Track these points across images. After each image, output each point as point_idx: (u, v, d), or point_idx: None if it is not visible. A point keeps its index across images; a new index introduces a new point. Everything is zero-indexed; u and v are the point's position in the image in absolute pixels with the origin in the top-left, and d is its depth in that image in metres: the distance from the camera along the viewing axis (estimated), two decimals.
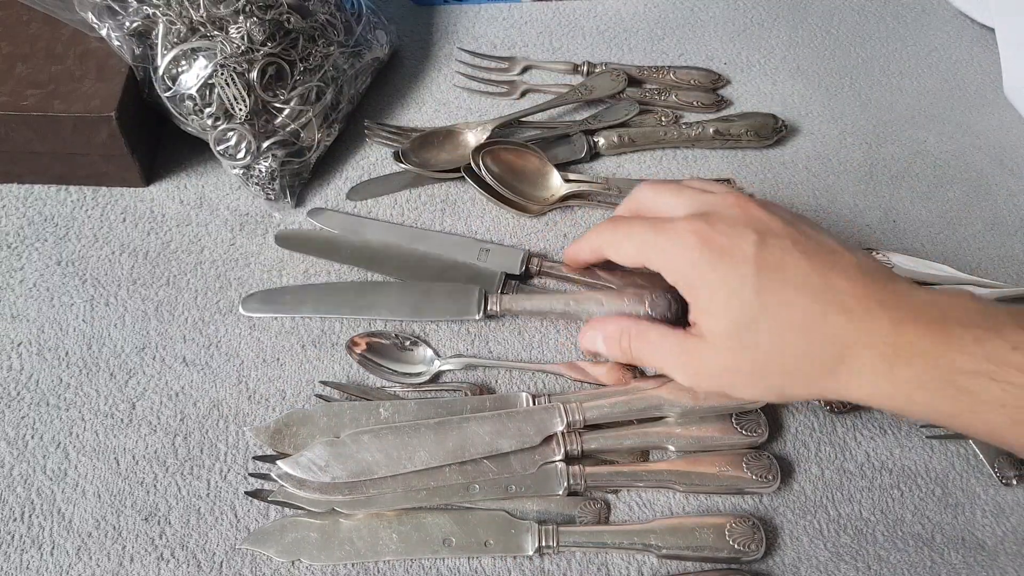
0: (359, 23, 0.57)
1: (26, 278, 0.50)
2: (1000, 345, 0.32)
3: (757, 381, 0.38)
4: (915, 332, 0.34)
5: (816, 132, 0.60)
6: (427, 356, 0.46)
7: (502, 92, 0.61)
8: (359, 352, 0.46)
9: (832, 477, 0.44)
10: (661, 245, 0.39)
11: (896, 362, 0.34)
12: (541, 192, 0.54)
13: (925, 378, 0.34)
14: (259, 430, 0.43)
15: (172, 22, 0.49)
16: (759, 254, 0.37)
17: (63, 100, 0.49)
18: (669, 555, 0.40)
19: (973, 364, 0.33)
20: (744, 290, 0.36)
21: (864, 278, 0.36)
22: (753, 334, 0.37)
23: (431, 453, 0.41)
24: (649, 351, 0.41)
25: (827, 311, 0.35)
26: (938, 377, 0.33)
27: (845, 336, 0.35)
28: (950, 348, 0.33)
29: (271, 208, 0.54)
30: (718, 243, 0.37)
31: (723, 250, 0.37)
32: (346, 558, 0.40)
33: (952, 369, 0.33)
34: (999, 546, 0.42)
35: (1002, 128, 0.60)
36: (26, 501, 0.42)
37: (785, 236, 0.37)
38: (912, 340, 0.34)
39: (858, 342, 0.35)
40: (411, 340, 0.47)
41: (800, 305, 0.36)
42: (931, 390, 0.34)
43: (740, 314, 0.37)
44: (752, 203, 0.39)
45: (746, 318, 0.37)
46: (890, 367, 0.34)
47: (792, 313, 0.36)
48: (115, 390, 0.46)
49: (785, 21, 0.67)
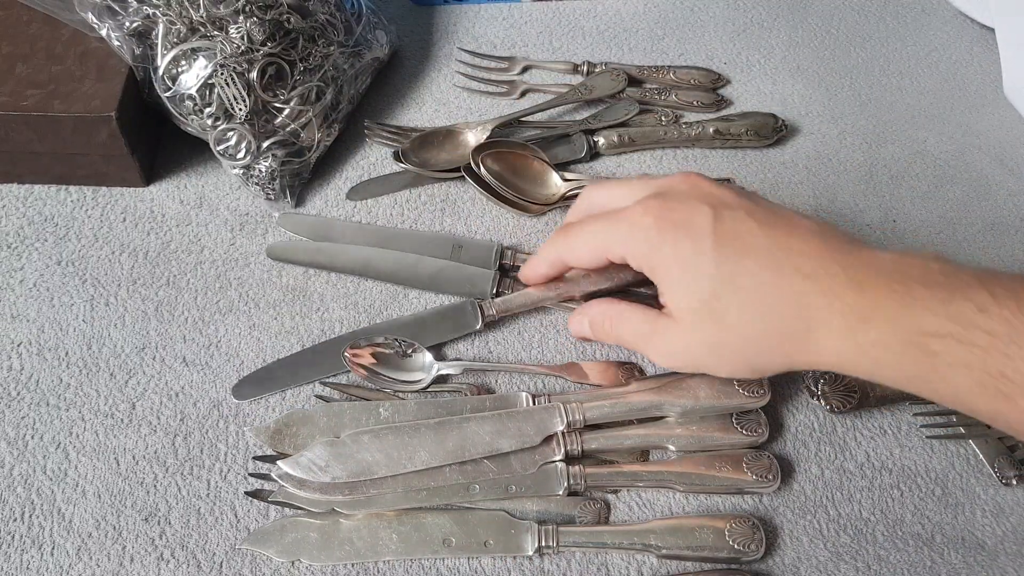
0: (359, 23, 0.57)
1: (26, 278, 0.50)
2: (965, 306, 0.32)
3: (728, 356, 0.38)
4: (877, 293, 0.34)
5: (816, 132, 0.60)
6: (426, 362, 0.46)
7: (502, 92, 0.61)
8: (359, 363, 0.46)
9: (832, 477, 0.44)
10: (618, 233, 0.39)
11: (860, 325, 0.34)
12: (541, 192, 0.54)
13: (889, 340, 0.33)
14: (259, 430, 0.43)
15: (172, 22, 0.49)
16: (715, 225, 0.37)
17: (63, 100, 0.49)
18: (669, 555, 0.40)
19: (937, 325, 0.32)
20: (704, 264, 0.36)
21: (823, 243, 0.36)
22: (718, 308, 0.36)
23: (431, 453, 0.41)
24: (628, 332, 0.41)
25: (789, 278, 0.35)
26: (902, 339, 0.33)
27: (808, 301, 0.35)
28: (914, 309, 0.33)
29: (271, 208, 0.54)
30: (673, 219, 0.37)
31: (679, 225, 0.37)
32: (346, 558, 0.40)
33: (916, 330, 0.32)
34: (999, 546, 0.42)
35: (1002, 128, 0.60)
36: (26, 501, 0.42)
37: (739, 207, 0.37)
38: (875, 301, 0.33)
39: (822, 306, 0.34)
40: (411, 347, 0.46)
41: (761, 274, 0.36)
42: (896, 352, 0.33)
43: (702, 289, 0.37)
44: (703, 179, 0.39)
45: (709, 293, 0.36)
46: (853, 330, 0.34)
47: (754, 283, 0.36)
48: (115, 390, 0.46)
49: (785, 21, 0.67)
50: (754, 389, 0.43)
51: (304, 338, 0.48)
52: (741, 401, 0.43)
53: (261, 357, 0.47)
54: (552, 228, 0.54)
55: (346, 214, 0.54)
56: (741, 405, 0.43)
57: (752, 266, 0.36)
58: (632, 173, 0.57)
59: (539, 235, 0.53)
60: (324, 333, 0.48)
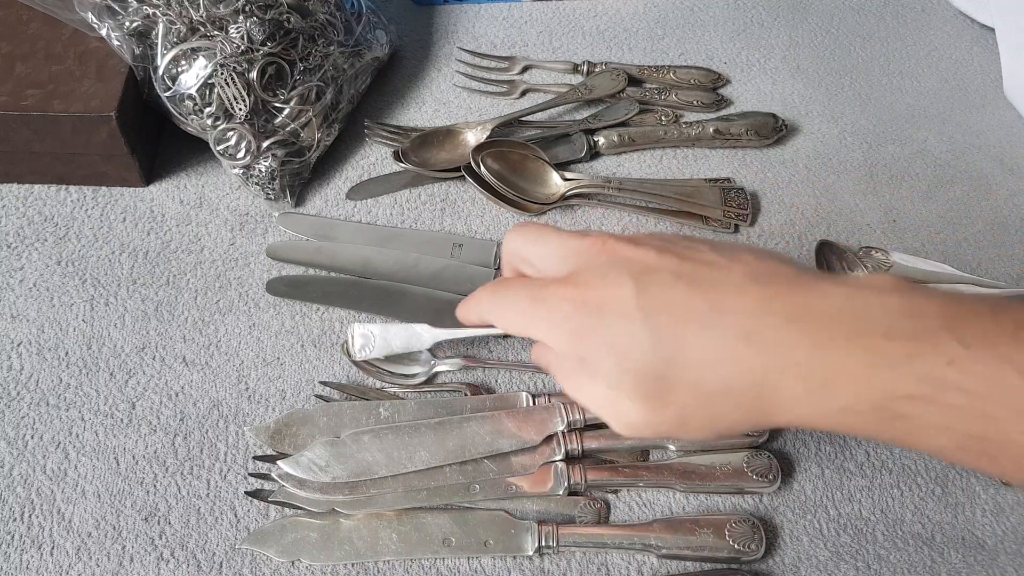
0: (359, 23, 0.57)
1: (26, 278, 0.50)
2: (934, 362, 0.28)
3: (690, 429, 0.34)
4: (835, 352, 0.29)
5: (816, 131, 0.60)
6: (423, 356, 0.46)
7: (502, 92, 0.61)
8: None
9: (832, 476, 0.44)
10: (538, 319, 0.35)
11: (822, 391, 0.30)
12: (541, 191, 0.54)
13: (857, 406, 0.29)
14: (259, 430, 0.43)
15: (172, 22, 0.49)
16: (640, 300, 0.32)
17: (63, 100, 0.49)
18: (669, 555, 0.40)
19: (906, 387, 0.28)
20: (637, 348, 0.32)
21: (762, 289, 0.31)
22: (664, 390, 0.32)
23: (431, 453, 0.41)
24: (583, 398, 0.35)
25: (732, 345, 0.31)
26: (871, 404, 0.29)
27: (759, 367, 0.30)
28: (879, 369, 0.29)
29: (271, 208, 0.54)
30: (593, 303, 0.33)
31: (602, 308, 0.33)
32: (346, 558, 0.40)
33: (885, 395, 0.29)
34: (999, 545, 0.42)
35: (1002, 128, 0.60)
36: (26, 501, 0.42)
37: (663, 270, 0.33)
38: (834, 362, 0.29)
39: (774, 370, 0.30)
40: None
41: (702, 346, 0.31)
42: (867, 418, 0.30)
43: (644, 374, 0.32)
44: (618, 242, 0.34)
45: (652, 377, 0.32)
46: (817, 396, 0.30)
47: (697, 357, 0.31)
48: (115, 390, 0.46)
49: (785, 21, 0.67)
50: None
51: (304, 338, 0.48)
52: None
53: (261, 357, 0.47)
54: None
55: (346, 214, 0.54)
56: None
57: (690, 338, 0.31)
58: (632, 173, 0.57)
59: None
60: (324, 333, 0.48)
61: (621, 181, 0.54)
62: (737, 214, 0.54)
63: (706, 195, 0.54)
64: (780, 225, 0.54)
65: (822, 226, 0.54)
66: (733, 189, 0.55)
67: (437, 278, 0.50)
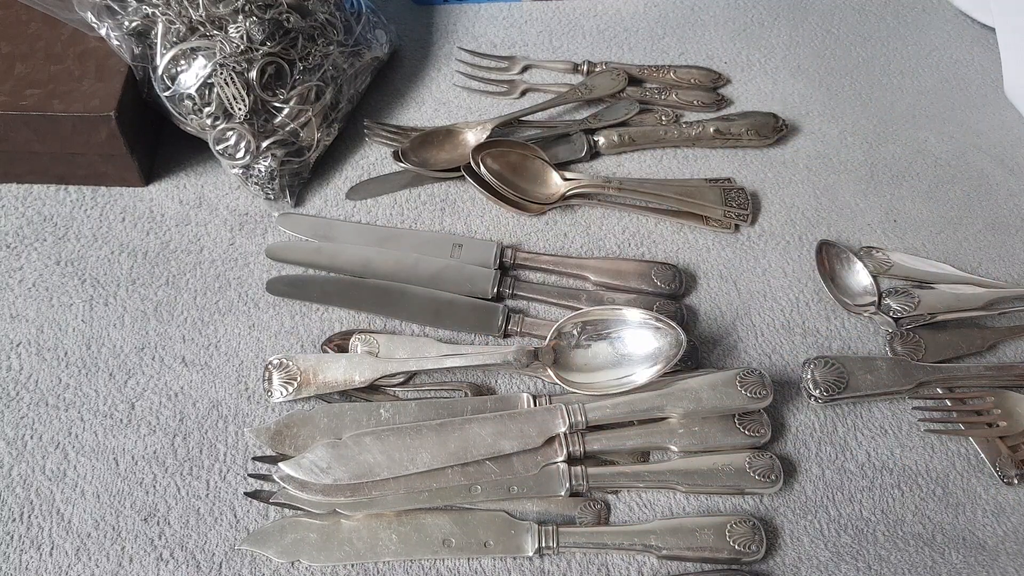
0: (359, 23, 0.57)
1: (25, 278, 0.50)
2: None
3: None
4: None
5: (816, 131, 0.60)
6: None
7: (502, 91, 0.61)
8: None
9: (833, 477, 0.44)
10: None
11: None
12: (541, 191, 0.54)
13: None
14: (260, 431, 0.43)
15: (171, 21, 0.49)
16: None
17: (62, 100, 0.49)
18: (669, 556, 0.40)
19: None
20: None
21: None
22: None
23: (433, 454, 0.41)
24: None
25: None
26: None
27: None
28: None
29: (271, 208, 0.54)
30: None
31: None
32: (346, 559, 0.40)
33: None
34: (1000, 546, 0.42)
35: (1002, 128, 0.60)
36: (25, 501, 0.42)
37: None
38: None
39: None
40: None
41: None
42: None
43: None
44: None
45: None
46: None
47: None
48: (114, 390, 0.46)
49: (785, 21, 0.67)
50: (757, 390, 0.43)
51: (304, 338, 0.48)
52: (743, 402, 0.43)
53: (261, 357, 0.47)
54: (552, 227, 0.54)
55: (346, 214, 0.54)
56: (743, 406, 0.43)
57: None
58: (632, 172, 0.57)
59: (539, 234, 0.53)
60: (324, 333, 0.48)
61: (621, 181, 0.54)
62: (737, 214, 0.54)
63: (706, 195, 0.54)
64: (780, 225, 0.54)
65: (822, 226, 0.54)
66: (733, 189, 0.55)
67: (437, 278, 0.50)
